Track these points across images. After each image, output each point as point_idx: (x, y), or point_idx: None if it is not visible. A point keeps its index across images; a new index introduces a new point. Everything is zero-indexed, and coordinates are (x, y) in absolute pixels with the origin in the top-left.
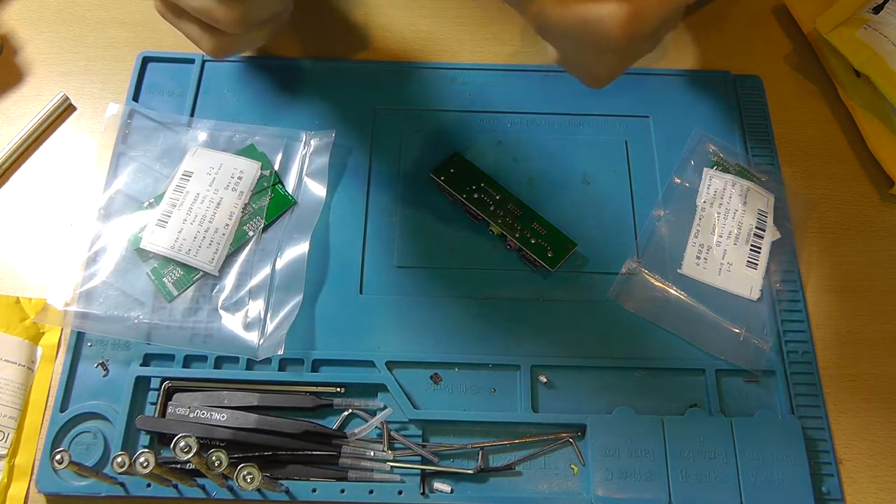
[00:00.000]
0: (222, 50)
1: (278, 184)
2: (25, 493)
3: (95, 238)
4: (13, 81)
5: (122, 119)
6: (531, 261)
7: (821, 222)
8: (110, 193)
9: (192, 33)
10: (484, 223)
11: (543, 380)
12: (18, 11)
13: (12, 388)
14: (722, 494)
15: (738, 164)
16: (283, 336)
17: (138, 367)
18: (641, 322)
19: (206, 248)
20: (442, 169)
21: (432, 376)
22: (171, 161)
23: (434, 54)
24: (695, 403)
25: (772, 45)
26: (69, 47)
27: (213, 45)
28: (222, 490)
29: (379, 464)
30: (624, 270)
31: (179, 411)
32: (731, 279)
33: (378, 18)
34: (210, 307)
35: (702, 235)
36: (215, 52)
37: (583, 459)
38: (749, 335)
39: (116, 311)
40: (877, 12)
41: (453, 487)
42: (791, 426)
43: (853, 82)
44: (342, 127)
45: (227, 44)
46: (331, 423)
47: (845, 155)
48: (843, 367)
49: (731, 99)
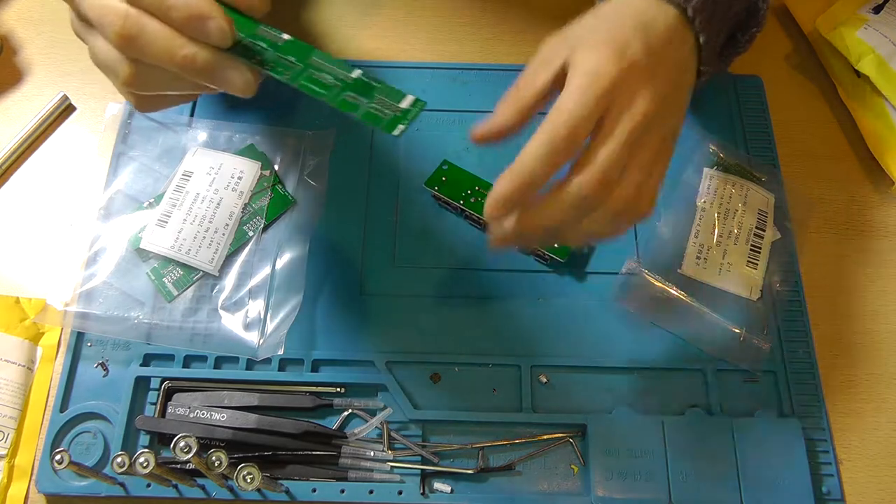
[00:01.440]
0: (140, 106)
1: (278, 184)
2: (25, 493)
3: (95, 238)
4: (13, 81)
5: (122, 119)
6: (540, 255)
7: (821, 222)
8: (110, 193)
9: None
10: (486, 226)
11: (543, 380)
12: (18, 11)
13: (12, 388)
14: (722, 494)
15: (738, 164)
16: (282, 336)
17: (138, 367)
18: (641, 322)
19: (206, 248)
20: (434, 179)
21: (432, 376)
22: (171, 161)
23: (435, 54)
24: (695, 403)
25: (772, 45)
26: (69, 47)
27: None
28: (222, 490)
29: (379, 464)
30: (624, 270)
31: (179, 411)
32: (731, 279)
33: (378, 18)
34: (210, 307)
35: (702, 235)
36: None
37: (583, 459)
38: (749, 335)
39: (116, 311)
40: (877, 12)
41: (453, 487)
42: (791, 426)
43: (853, 82)
44: (342, 127)
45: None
46: (331, 423)
47: (845, 155)
48: (843, 367)
49: (731, 99)
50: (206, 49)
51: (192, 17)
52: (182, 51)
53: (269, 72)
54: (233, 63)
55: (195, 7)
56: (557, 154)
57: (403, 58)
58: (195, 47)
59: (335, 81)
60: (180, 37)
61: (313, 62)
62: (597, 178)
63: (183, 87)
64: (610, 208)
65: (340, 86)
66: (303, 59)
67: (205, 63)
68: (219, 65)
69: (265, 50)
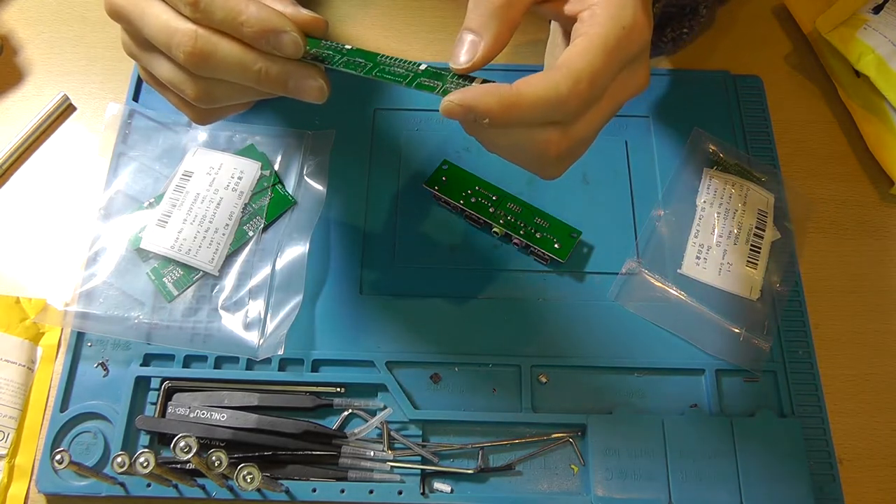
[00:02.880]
0: (202, 120)
1: (278, 184)
2: (25, 493)
3: (95, 238)
4: (13, 81)
5: (122, 119)
6: (540, 255)
7: (821, 222)
8: (110, 193)
9: (174, 103)
10: (486, 226)
11: (543, 380)
12: (18, 11)
13: (12, 388)
14: (722, 494)
15: (737, 164)
16: (283, 336)
17: (138, 367)
18: (641, 322)
19: (206, 248)
20: (434, 179)
21: (432, 376)
22: (171, 161)
23: (435, 54)
24: (695, 403)
25: (772, 45)
26: (69, 47)
27: (192, 116)
28: (222, 490)
29: (379, 464)
30: (624, 270)
31: (179, 411)
32: (730, 279)
33: (379, 18)
34: (210, 307)
35: (702, 235)
36: (196, 122)
37: (583, 459)
38: (749, 335)
39: (116, 311)
40: (877, 12)
41: (453, 487)
42: (791, 426)
43: (853, 82)
44: (342, 127)
45: (206, 115)
46: (331, 423)
47: (845, 155)
48: (843, 367)
49: (731, 99)
50: (278, 61)
51: (266, 31)
52: (256, 65)
53: (343, 68)
54: (306, 71)
55: (268, 21)
56: (563, 106)
57: (403, 58)
58: (268, 60)
59: (407, 72)
60: (252, 51)
61: (381, 60)
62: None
63: (249, 95)
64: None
65: (412, 74)
66: (371, 59)
67: (279, 74)
68: (292, 74)
69: (333, 56)
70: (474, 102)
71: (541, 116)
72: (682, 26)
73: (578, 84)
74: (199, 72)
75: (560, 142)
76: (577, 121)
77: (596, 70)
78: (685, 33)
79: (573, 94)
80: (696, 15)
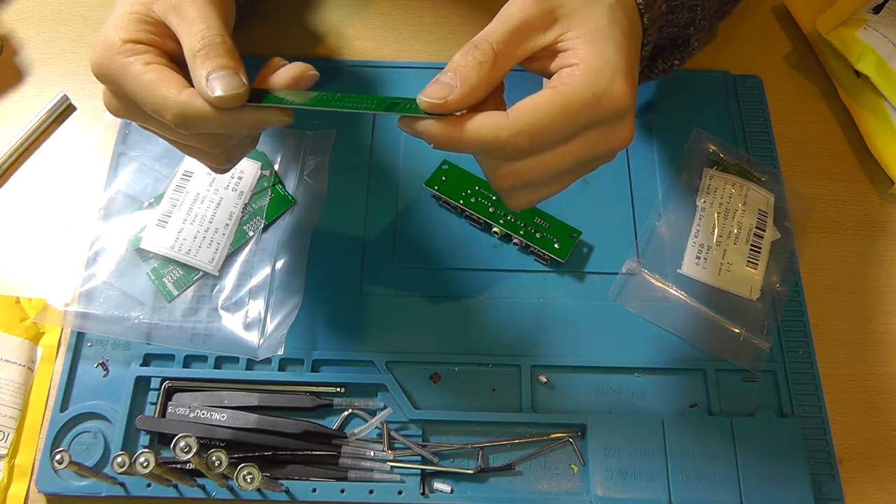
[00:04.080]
0: (221, 171)
1: (278, 184)
2: (25, 493)
3: (95, 238)
4: (13, 81)
5: (122, 119)
6: (540, 255)
7: (821, 222)
8: (110, 193)
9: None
10: (486, 226)
11: (543, 380)
12: (18, 11)
13: (12, 388)
14: (722, 494)
15: (737, 164)
16: (283, 336)
17: (138, 367)
18: (641, 322)
19: (206, 248)
20: (434, 179)
21: (432, 376)
22: (171, 161)
23: (435, 54)
24: (695, 403)
25: (772, 45)
26: (69, 47)
27: (214, 170)
28: (222, 490)
29: (379, 464)
30: (624, 270)
31: (179, 411)
32: (731, 279)
33: (379, 19)
34: (210, 307)
35: (702, 235)
36: (218, 172)
37: (583, 459)
38: (749, 335)
39: (116, 311)
40: (877, 12)
41: (453, 487)
42: (791, 426)
43: (853, 82)
44: (342, 127)
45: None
46: (331, 423)
47: (845, 155)
48: (843, 367)
49: (731, 99)
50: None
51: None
52: None
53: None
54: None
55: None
56: (499, 151)
57: (404, 58)
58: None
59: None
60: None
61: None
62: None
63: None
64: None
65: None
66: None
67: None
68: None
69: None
70: (422, 128)
71: (482, 152)
72: (673, 58)
73: (519, 136)
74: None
75: (507, 177)
76: (522, 163)
77: (543, 127)
78: (676, 64)
79: (509, 143)
80: (688, 47)
